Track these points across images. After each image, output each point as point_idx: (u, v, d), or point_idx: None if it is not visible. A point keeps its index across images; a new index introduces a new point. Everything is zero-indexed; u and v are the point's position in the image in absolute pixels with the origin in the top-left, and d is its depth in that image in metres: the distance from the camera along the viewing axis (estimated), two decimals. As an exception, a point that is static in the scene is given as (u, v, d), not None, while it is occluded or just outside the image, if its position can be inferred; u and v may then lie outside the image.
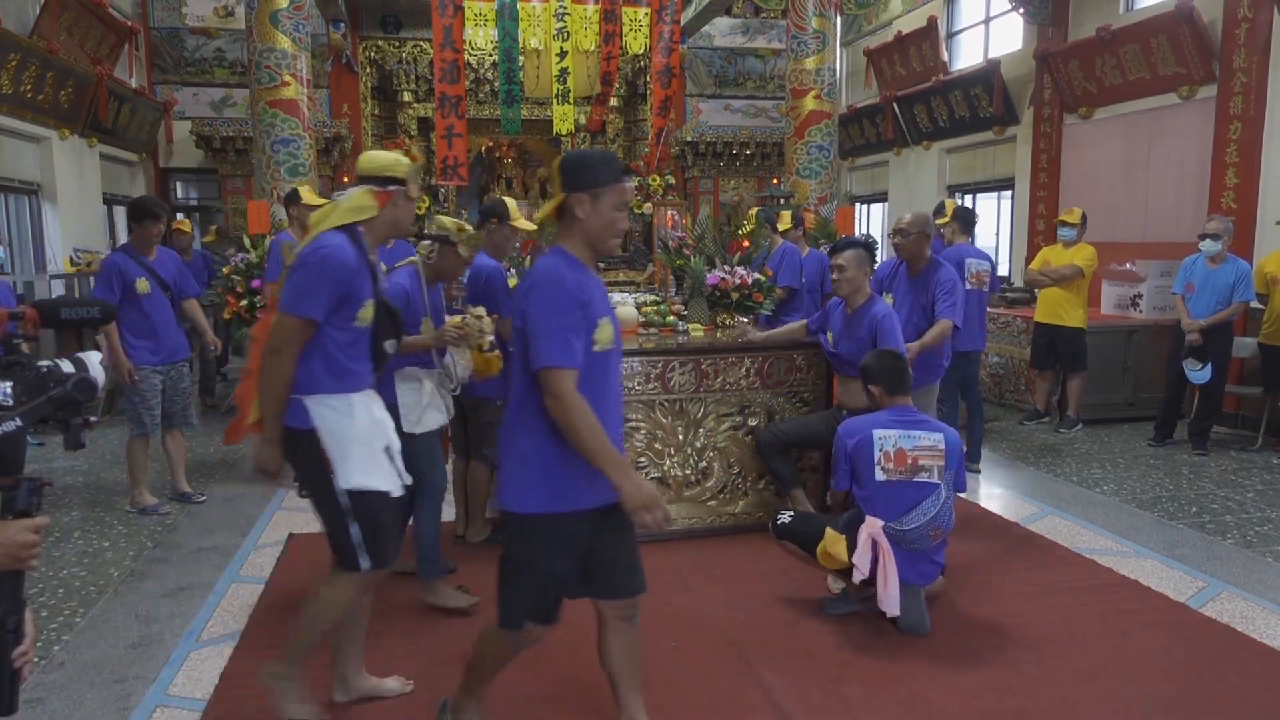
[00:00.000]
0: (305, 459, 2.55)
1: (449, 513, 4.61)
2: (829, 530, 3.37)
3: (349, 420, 2.55)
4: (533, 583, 2.33)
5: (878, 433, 3.34)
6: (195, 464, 5.98)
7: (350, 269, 2.51)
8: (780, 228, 6.33)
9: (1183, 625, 3.45)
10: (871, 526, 3.27)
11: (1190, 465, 5.82)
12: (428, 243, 3.67)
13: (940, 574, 3.50)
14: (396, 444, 2.72)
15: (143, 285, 4.75)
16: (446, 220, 3.71)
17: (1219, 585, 3.82)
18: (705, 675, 3.06)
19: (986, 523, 4.71)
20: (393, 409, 3.36)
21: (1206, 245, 6.00)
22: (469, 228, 3.72)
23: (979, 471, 5.62)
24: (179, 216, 9.22)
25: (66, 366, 1.56)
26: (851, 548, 3.27)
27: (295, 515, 4.86)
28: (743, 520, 4.47)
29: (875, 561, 3.24)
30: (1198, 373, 5.96)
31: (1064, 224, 6.79)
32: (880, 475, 3.31)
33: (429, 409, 3.52)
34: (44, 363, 1.55)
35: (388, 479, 2.62)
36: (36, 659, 3.04)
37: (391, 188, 2.63)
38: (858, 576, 3.25)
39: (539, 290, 2.20)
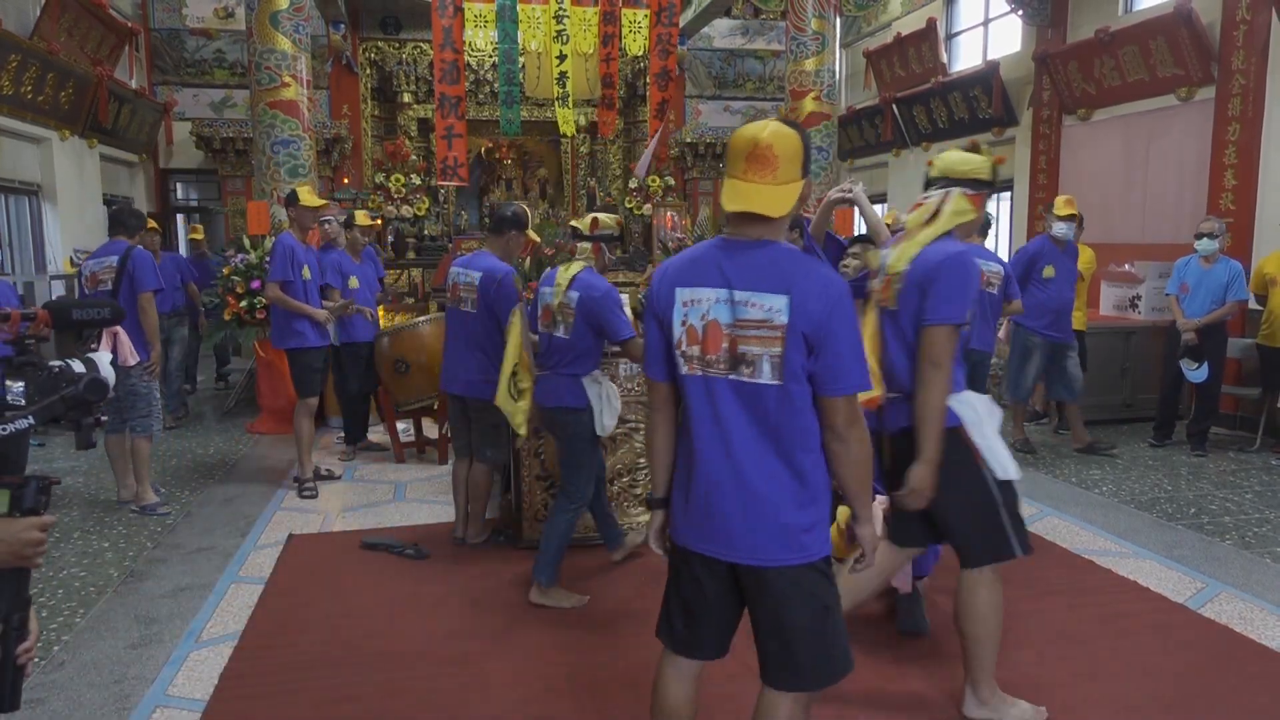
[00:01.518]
0: (953, 455, 2.56)
1: (448, 512, 4.64)
2: (842, 507, 3.35)
3: (977, 415, 2.59)
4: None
5: None
6: (195, 465, 6.00)
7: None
8: None
9: (1181, 626, 3.45)
10: (883, 503, 3.28)
11: (1189, 466, 5.83)
12: (588, 245, 3.82)
13: (932, 566, 3.53)
14: None
15: None
16: (609, 219, 3.78)
17: (1218, 586, 3.83)
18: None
19: (985, 524, 4.71)
20: (586, 413, 3.60)
21: (1204, 245, 6.02)
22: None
23: None
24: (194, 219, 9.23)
25: (77, 367, 1.57)
26: None
27: (295, 516, 4.86)
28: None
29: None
30: (1194, 372, 5.99)
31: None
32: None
33: (614, 413, 3.69)
34: (55, 363, 1.57)
35: (1017, 469, 2.66)
36: (37, 659, 3.05)
37: (984, 190, 2.66)
38: None
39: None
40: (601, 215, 3.78)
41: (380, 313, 6.43)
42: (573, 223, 3.98)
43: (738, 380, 1.90)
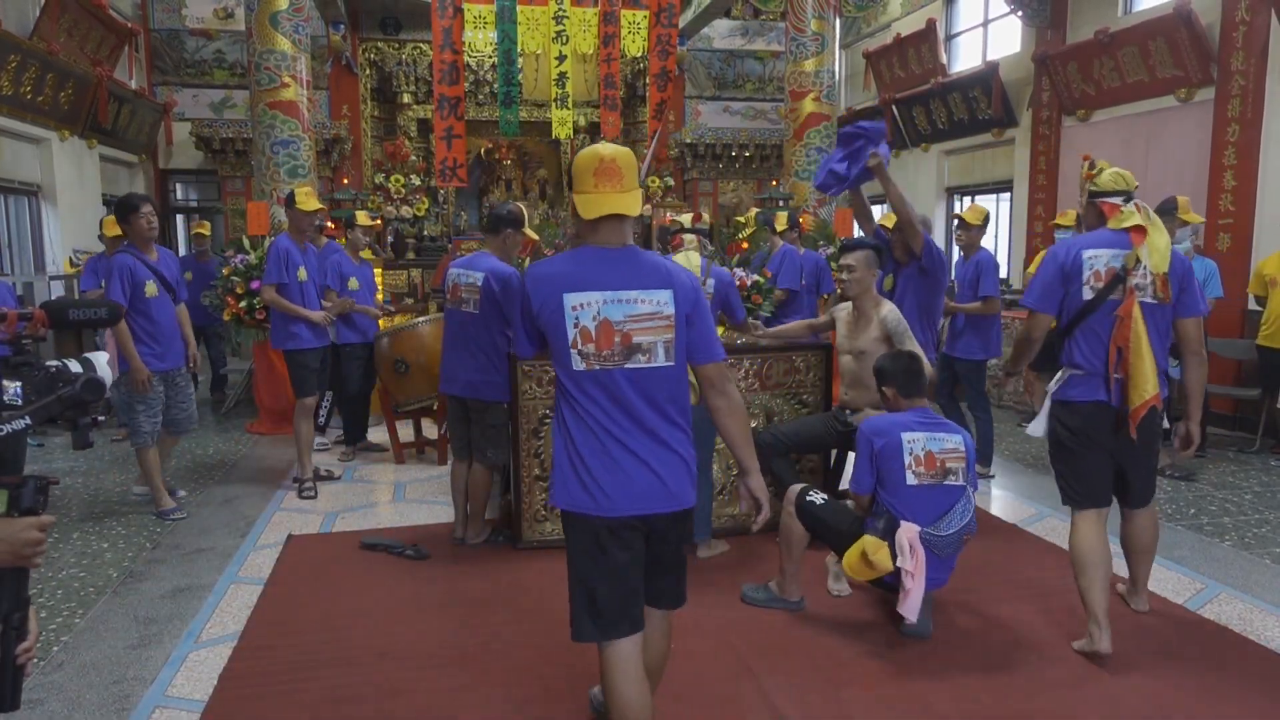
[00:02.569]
0: (1158, 420, 3.22)
1: (448, 513, 4.64)
2: (868, 537, 3.20)
3: None
4: None
5: (906, 435, 3.25)
6: (195, 465, 5.99)
7: None
8: (777, 228, 6.35)
9: (1181, 627, 3.45)
10: (909, 532, 3.15)
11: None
12: (693, 236, 4.15)
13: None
14: None
15: (151, 288, 4.64)
16: (686, 218, 4.28)
17: (1217, 587, 3.83)
18: (704, 678, 3.06)
19: (986, 524, 4.71)
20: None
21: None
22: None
23: (992, 477, 5.59)
24: (194, 219, 9.15)
25: (74, 367, 1.58)
26: (892, 555, 3.15)
27: (294, 516, 4.86)
28: (742, 522, 4.47)
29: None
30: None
31: (1060, 227, 6.82)
32: (911, 479, 3.22)
33: None
34: (52, 363, 1.57)
35: None
36: (36, 659, 3.05)
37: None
38: (908, 583, 3.13)
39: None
40: (686, 215, 4.27)
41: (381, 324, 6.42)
42: (674, 217, 4.42)
43: (634, 368, 2.19)
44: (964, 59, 10.89)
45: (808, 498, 3.46)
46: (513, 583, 3.89)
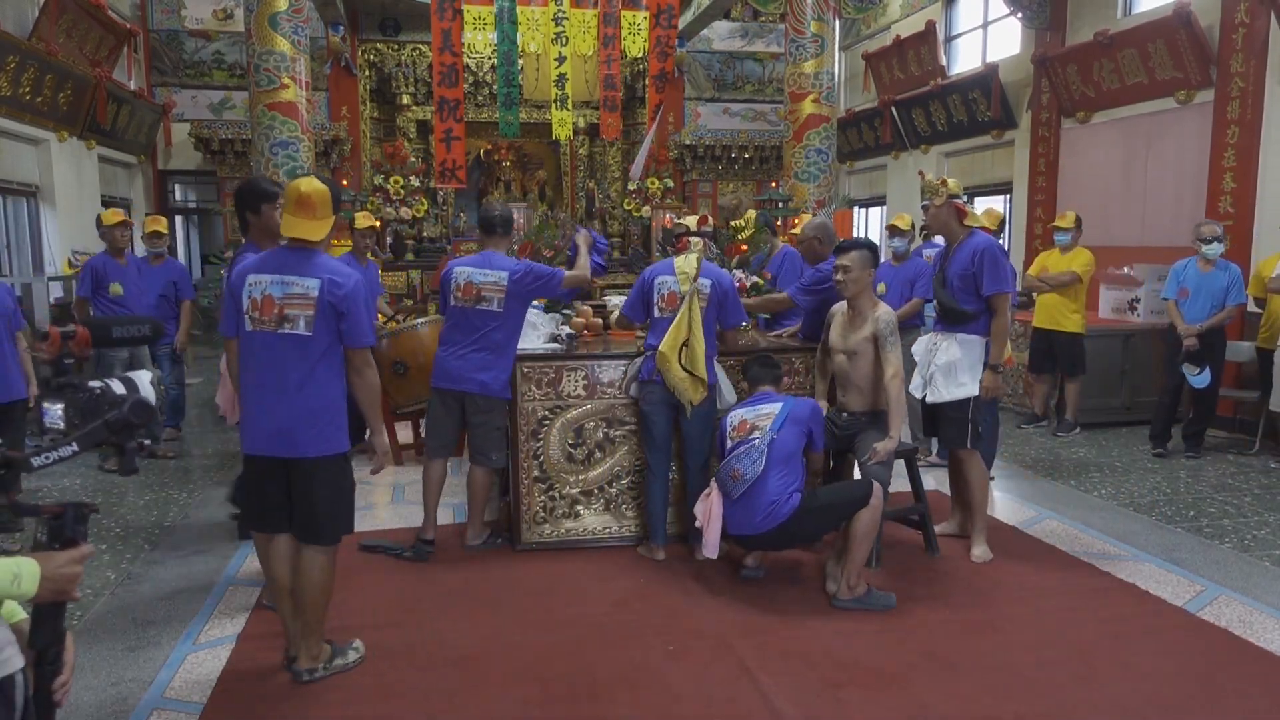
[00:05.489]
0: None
1: (446, 514, 4.62)
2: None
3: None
4: None
5: (731, 414, 3.88)
6: (192, 466, 5.98)
7: None
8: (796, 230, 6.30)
9: (1180, 629, 3.45)
10: (712, 488, 3.74)
11: (1188, 469, 5.82)
12: (699, 240, 4.29)
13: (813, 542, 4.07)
14: None
15: None
16: (691, 220, 4.56)
17: (1216, 589, 3.82)
18: (702, 679, 3.06)
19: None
20: (714, 389, 4.15)
21: (1212, 249, 5.94)
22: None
23: (992, 479, 5.58)
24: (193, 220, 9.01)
25: (117, 387, 1.52)
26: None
27: (293, 518, 4.85)
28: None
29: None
30: (1197, 377, 5.96)
31: (1059, 229, 6.82)
32: (729, 444, 3.77)
33: (730, 389, 4.27)
34: (95, 383, 1.50)
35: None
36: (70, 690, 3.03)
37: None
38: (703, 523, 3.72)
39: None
40: (691, 217, 4.66)
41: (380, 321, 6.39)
42: (680, 220, 4.69)
43: (282, 333, 2.90)
44: (963, 61, 10.89)
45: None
46: (512, 584, 3.88)
